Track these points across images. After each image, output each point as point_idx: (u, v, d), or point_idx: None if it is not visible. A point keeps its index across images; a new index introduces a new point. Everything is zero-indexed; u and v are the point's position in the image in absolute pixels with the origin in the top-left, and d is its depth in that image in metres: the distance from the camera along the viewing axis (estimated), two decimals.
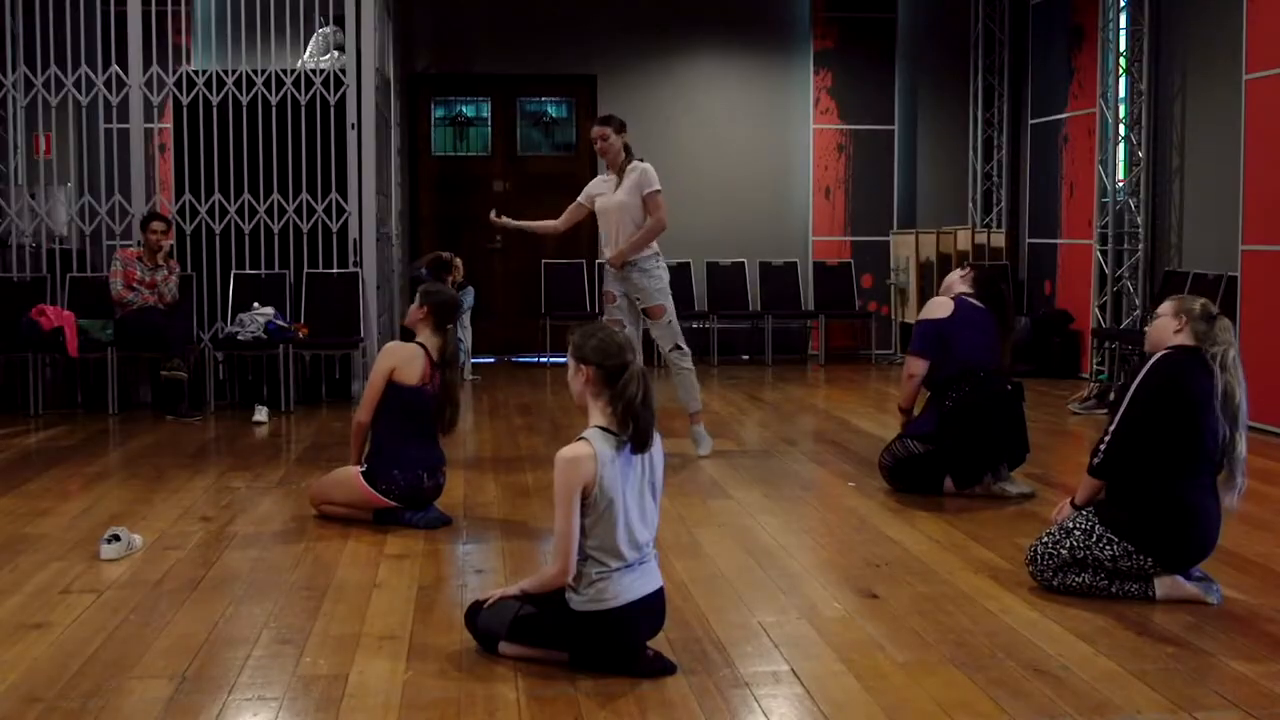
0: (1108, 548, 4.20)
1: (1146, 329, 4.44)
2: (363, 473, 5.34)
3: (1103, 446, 4.24)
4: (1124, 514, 4.19)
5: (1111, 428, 4.23)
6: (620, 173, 6.84)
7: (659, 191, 6.74)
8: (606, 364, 3.51)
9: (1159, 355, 4.23)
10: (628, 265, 6.80)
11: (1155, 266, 9.69)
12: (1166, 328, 4.26)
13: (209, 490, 6.11)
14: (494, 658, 3.66)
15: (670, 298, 6.93)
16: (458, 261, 10.21)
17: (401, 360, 5.38)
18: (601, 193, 6.95)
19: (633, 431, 3.49)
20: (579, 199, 7.08)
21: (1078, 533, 4.25)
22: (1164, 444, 4.14)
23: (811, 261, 12.00)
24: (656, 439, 3.62)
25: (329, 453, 7.00)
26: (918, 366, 5.94)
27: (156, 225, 8.59)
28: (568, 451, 3.49)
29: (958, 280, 6.08)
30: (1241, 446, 4.14)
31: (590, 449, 3.48)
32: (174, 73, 9.07)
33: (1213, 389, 4.11)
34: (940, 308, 5.97)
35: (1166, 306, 4.33)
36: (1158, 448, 4.15)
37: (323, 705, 3.34)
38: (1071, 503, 4.39)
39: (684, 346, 6.99)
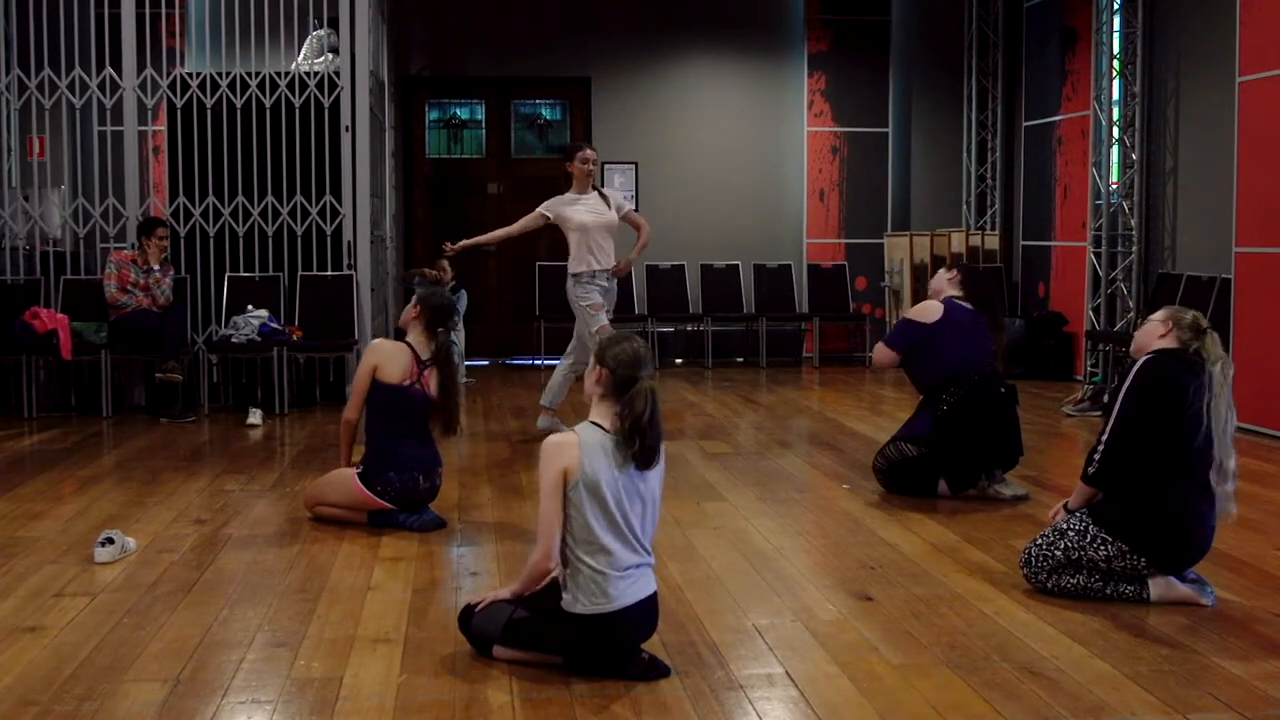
0: (1102, 548, 4.21)
1: (1134, 332, 4.48)
2: (359, 474, 5.33)
3: (1096, 455, 4.26)
4: (1117, 514, 4.21)
5: (1104, 436, 4.25)
6: (593, 190, 7.55)
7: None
8: (619, 371, 3.56)
9: (1144, 359, 4.26)
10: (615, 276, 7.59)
11: (1149, 269, 9.70)
12: (1153, 332, 4.31)
13: (203, 493, 6.10)
14: (488, 661, 3.66)
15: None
16: (444, 263, 10.10)
17: (384, 358, 5.34)
18: (578, 212, 7.48)
19: (638, 448, 3.53)
20: (542, 210, 7.57)
21: (1071, 534, 4.27)
22: (1156, 446, 4.17)
23: (805, 264, 12.01)
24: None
25: (323, 455, 6.99)
26: (885, 357, 6.02)
27: (162, 231, 8.61)
28: (554, 438, 3.60)
29: (946, 283, 6.08)
30: (1231, 463, 4.17)
31: (576, 438, 3.55)
32: (168, 75, 9.07)
33: (1199, 386, 4.14)
34: (929, 312, 5.96)
35: (1159, 313, 4.37)
36: (1150, 450, 4.18)
37: (317, 708, 3.34)
38: (1065, 506, 4.41)
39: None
